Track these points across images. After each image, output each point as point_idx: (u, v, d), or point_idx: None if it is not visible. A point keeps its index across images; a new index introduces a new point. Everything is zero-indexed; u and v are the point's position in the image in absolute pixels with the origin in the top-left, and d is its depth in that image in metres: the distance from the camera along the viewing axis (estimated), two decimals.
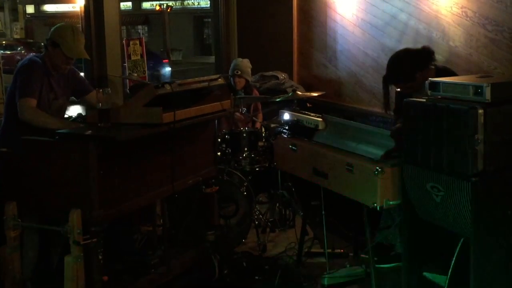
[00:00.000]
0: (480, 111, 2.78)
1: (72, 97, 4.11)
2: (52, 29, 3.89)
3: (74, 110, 4.98)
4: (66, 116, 4.08)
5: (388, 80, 3.81)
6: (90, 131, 3.33)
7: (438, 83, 3.12)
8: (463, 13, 4.56)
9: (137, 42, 5.87)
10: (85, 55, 3.94)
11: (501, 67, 4.29)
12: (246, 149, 5.01)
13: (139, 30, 34.56)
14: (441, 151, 2.96)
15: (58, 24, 3.94)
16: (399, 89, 3.86)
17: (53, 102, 3.86)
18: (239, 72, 5.59)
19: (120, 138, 3.25)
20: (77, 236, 3.04)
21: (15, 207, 3.26)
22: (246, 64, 5.68)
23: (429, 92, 3.15)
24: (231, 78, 5.62)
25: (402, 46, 4.44)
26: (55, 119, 3.70)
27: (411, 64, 3.71)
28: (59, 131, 3.34)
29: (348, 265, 4.18)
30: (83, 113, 4.01)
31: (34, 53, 3.95)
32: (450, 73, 3.76)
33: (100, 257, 3.20)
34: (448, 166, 2.93)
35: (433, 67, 3.77)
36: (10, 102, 3.78)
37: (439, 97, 3.07)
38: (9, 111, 3.80)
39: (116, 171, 3.34)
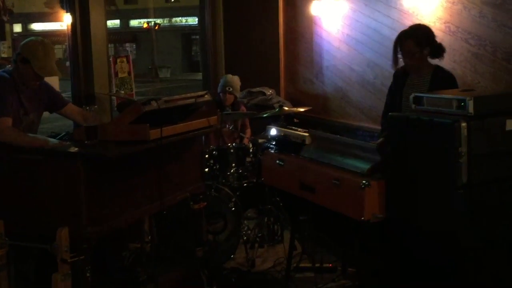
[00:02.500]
0: (463, 124, 2.83)
1: (46, 111, 4.02)
2: (22, 44, 3.72)
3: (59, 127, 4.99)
4: (53, 134, 4.06)
5: (404, 32, 3.94)
6: (77, 149, 3.33)
7: (421, 97, 3.17)
8: (446, 28, 4.62)
9: (124, 59, 5.90)
10: (56, 72, 3.84)
11: (484, 81, 4.35)
12: (234, 164, 5.03)
13: (127, 48, 34.59)
14: (426, 164, 2.99)
15: (28, 39, 3.76)
16: (399, 53, 3.95)
17: (24, 118, 3.75)
18: (231, 89, 5.61)
19: (109, 155, 3.25)
20: (64, 254, 3.03)
21: (2, 226, 3.25)
22: (236, 81, 5.72)
23: (413, 106, 3.20)
24: (221, 94, 5.64)
25: (387, 61, 4.49)
26: (37, 138, 3.60)
27: (430, 36, 3.90)
28: (47, 148, 3.34)
29: (336, 279, 4.19)
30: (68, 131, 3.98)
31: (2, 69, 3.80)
32: (447, 74, 3.88)
33: (88, 274, 3.19)
34: (433, 179, 2.96)
35: (432, 64, 3.93)
36: None
37: (423, 110, 3.12)
38: None
39: (104, 188, 3.34)
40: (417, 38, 3.86)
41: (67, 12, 5.47)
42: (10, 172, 3.39)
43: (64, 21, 5.67)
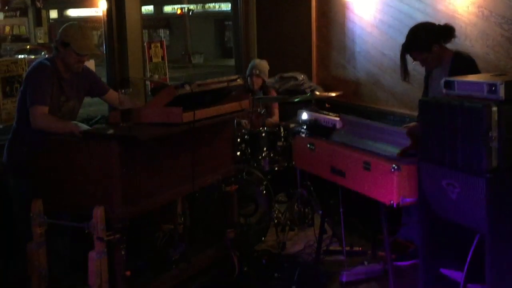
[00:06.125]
0: (494, 108, 2.82)
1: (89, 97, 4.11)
2: (60, 30, 3.85)
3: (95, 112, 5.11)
4: (89, 117, 4.16)
5: (405, 47, 3.89)
6: (113, 131, 3.42)
7: (453, 81, 3.17)
8: (480, 13, 4.58)
9: (158, 45, 5.97)
10: (96, 50, 3.94)
11: None
12: (265, 148, 5.07)
13: (160, 34, 34.76)
14: (456, 148, 2.99)
15: (66, 24, 3.88)
16: (414, 61, 3.94)
17: (64, 105, 3.83)
18: (258, 72, 5.67)
19: (142, 137, 3.33)
20: (100, 232, 3.13)
21: (41, 205, 3.36)
22: (264, 64, 5.76)
23: (444, 90, 3.20)
24: (249, 78, 5.69)
25: None
26: (69, 123, 3.65)
27: (429, 33, 3.83)
28: (83, 130, 3.44)
29: (366, 263, 4.22)
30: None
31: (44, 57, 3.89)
32: (466, 59, 3.83)
33: (123, 252, 3.28)
34: (463, 163, 2.97)
35: (451, 50, 3.87)
36: (20, 106, 3.79)
37: (454, 95, 3.12)
38: (20, 115, 3.81)
39: (138, 169, 3.42)
40: (421, 46, 3.82)
41: None
42: (48, 153, 3.50)
43: (99, 7, 5.74)
